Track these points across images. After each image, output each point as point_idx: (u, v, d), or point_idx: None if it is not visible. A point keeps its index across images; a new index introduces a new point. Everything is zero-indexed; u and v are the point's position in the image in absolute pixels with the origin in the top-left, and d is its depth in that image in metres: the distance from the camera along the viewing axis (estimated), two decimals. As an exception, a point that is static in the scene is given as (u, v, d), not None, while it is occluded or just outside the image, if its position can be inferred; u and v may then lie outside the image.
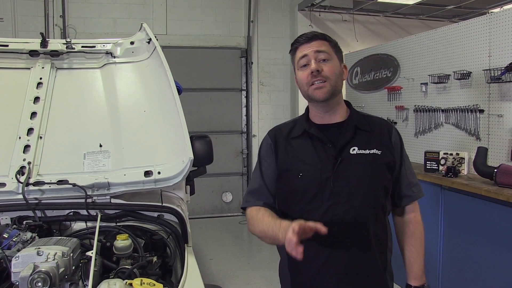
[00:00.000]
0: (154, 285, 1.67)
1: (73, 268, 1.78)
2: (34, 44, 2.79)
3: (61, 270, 1.67)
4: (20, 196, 2.26)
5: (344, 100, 1.88)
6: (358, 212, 1.71)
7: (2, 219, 2.28)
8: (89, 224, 2.33)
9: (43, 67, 2.75)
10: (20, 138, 2.46)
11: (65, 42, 2.83)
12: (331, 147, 1.76)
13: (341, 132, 1.79)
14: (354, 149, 1.75)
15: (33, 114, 2.55)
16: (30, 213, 2.25)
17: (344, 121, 1.82)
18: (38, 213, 2.27)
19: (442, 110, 4.39)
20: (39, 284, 1.57)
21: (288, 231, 1.44)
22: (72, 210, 2.34)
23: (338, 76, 1.76)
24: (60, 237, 1.94)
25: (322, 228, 1.48)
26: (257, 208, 1.84)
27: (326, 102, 1.76)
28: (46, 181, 2.32)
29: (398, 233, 1.94)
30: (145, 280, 1.69)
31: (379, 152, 1.76)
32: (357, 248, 1.72)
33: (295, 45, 1.81)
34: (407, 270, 1.89)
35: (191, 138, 2.42)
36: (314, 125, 1.83)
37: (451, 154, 4.00)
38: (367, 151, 1.76)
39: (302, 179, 1.76)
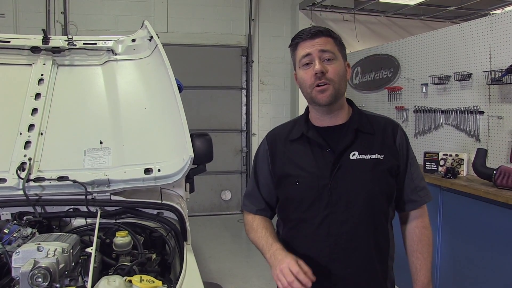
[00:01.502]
0: (154, 282, 1.67)
1: (73, 264, 1.79)
2: (36, 40, 2.79)
3: (61, 266, 1.68)
4: (21, 192, 2.26)
5: (347, 98, 1.79)
6: (357, 223, 1.64)
7: (2, 214, 2.29)
8: (89, 220, 2.33)
9: (44, 64, 2.75)
10: (21, 134, 2.46)
11: (67, 38, 2.83)
12: (330, 152, 1.67)
13: (341, 136, 1.69)
14: (354, 154, 1.66)
15: (34, 111, 2.55)
16: (30, 209, 2.25)
17: (345, 124, 1.72)
18: (38, 209, 2.27)
19: (442, 111, 4.39)
20: (39, 279, 1.57)
21: (287, 275, 1.49)
22: (72, 207, 2.34)
23: (342, 77, 1.65)
24: (60, 233, 1.94)
25: (311, 277, 1.50)
26: (253, 216, 1.86)
27: (328, 106, 1.66)
28: (46, 177, 2.33)
29: (404, 238, 1.85)
30: (144, 277, 1.69)
31: (381, 157, 1.67)
32: (355, 259, 1.66)
33: (297, 40, 1.69)
34: (413, 278, 1.80)
35: (191, 136, 2.42)
36: (313, 128, 1.74)
37: (451, 155, 4.01)
38: (368, 156, 1.66)
39: (299, 186, 1.69)
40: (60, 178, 2.34)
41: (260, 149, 1.89)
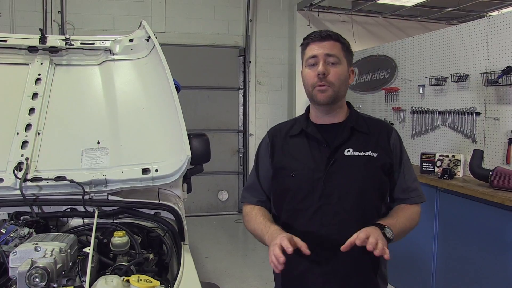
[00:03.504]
0: (151, 281, 1.67)
1: (70, 264, 1.79)
2: (33, 40, 2.78)
3: (58, 266, 1.67)
4: (18, 192, 2.26)
5: (346, 101, 1.88)
6: (348, 215, 1.72)
7: (-1, 214, 2.28)
8: (86, 220, 2.33)
9: (41, 63, 2.74)
10: (18, 134, 2.45)
11: (64, 38, 2.83)
12: (326, 148, 1.77)
13: (337, 133, 1.79)
14: (348, 151, 1.76)
15: (31, 110, 2.55)
16: (27, 208, 2.25)
17: (342, 122, 1.82)
18: (36, 209, 2.27)
19: (439, 112, 4.40)
20: (37, 279, 1.57)
21: (275, 248, 1.53)
22: (69, 207, 2.34)
23: (343, 81, 1.76)
24: (57, 233, 1.94)
25: (305, 250, 1.54)
26: (252, 206, 1.93)
27: (327, 106, 1.77)
28: (43, 177, 2.32)
29: None
30: (142, 277, 1.69)
31: (374, 155, 1.76)
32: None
33: (307, 41, 1.80)
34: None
35: (188, 136, 2.42)
36: (312, 125, 1.84)
37: (447, 156, 4.02)
38: (362, 153, 1.76)
39: (295, 178, 1.79)
40: (58, 178, 2.33)
41: (262, 143, 1.98)
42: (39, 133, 2.49)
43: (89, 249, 1.82)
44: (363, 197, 1.74)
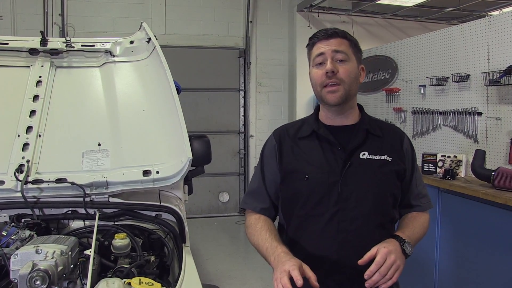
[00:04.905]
0: (153, 284, 1.66)
1: (72, 266, 1.78)
2: (34, 42, 2.78)
3: (59, 268, 1.66)
4: (19, 194, 2.25)
5: (357, 103, 1.82)
6: (366, 220, 1.66)
7: (0, 216, 2.27)
8: (87, 222, 2.33)
9: (42, 66, 2.74)
10: (19, 136, 2.45)
11: (65, 40, 2.83)
12: (340, 150, 1.70)
13: (351, 135, 1.73)
14: (364, 154, 1.70)
15: (32, 112, 2.55)
16: (28, 211, 2.24)
17: (355, 124, 1.76)
18: (37, 211, 2.26)
19: (440, 113, 4.40)
20: (38, 282, 1.56)
21: (283, 277, 1.41)
22: (70, 209, 2.33)
23: (353, 79, 1.68)
24: (58, 236, 1.93)
25: (314, 283, 1.43)
26: (257, 217, 1.81)
27: (338, 106, 1.70)
28: (44, 179, 2.32)
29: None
30: (144, 279, 1.68)
31: (389, 159, 1.71)
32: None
33: (313, 40, 1.73)
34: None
35: (189, 138, 2.40)
36: (324, 126, 1.77)
37: (449, 157, 4.01)
38: (378, 157, 1.70)
39: (309, 182, 1.70)
40: (58, 180, 2.33)
41: (267, 145, 1.88)
42: (40, 135, 2.48)
43: (90, 252, 1.81)
44: (380, 201, 1.69)
